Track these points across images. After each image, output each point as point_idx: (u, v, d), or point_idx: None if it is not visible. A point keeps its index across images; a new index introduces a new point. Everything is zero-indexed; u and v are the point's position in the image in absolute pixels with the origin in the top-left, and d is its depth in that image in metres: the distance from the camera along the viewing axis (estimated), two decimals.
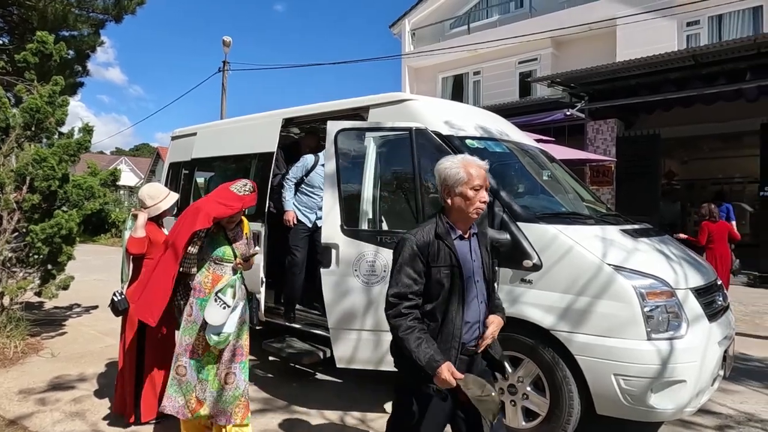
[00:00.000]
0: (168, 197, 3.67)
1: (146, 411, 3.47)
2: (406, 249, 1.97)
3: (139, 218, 3.51)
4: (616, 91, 10.09)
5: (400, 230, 3.49)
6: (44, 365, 4.73)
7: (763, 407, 3.96)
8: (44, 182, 5.01)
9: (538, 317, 3.02)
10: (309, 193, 4.73)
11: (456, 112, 4.06)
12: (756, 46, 8.26)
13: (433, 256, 1.96)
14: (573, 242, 3.04)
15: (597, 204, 4.19)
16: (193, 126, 6.01)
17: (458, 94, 15.96)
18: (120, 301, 3.52)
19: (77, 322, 6.44)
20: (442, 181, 2.03)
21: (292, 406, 3.85)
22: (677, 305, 2.88)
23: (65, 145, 5.28)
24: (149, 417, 3.47)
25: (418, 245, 1.97)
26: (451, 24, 16.52)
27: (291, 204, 4.68)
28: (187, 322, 3.02)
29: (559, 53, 13.98)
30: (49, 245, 5.12)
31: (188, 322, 3.02)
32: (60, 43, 5.60)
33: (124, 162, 40.51)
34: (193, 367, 2.98)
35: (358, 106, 4.10)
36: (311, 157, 4.69)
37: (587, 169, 10.79)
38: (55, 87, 5.28)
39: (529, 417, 3.15)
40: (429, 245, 1.97)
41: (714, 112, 10.00)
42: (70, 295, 6.87)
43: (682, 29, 11.94)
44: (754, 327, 6.41)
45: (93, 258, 13.66)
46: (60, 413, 3.68)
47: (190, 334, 3.00)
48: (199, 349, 2.99)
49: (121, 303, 3.51)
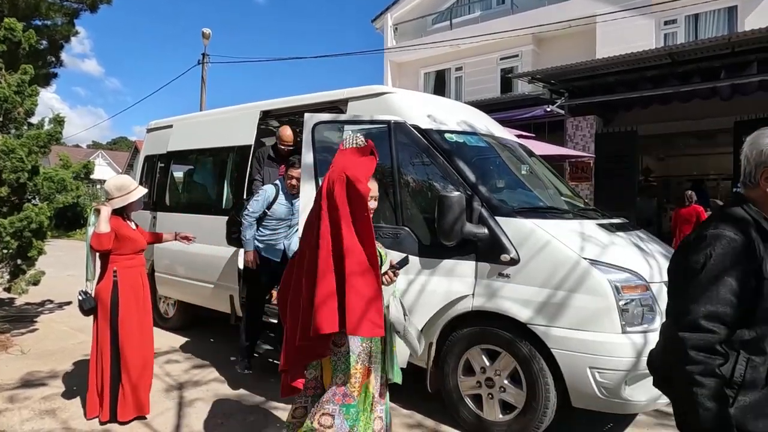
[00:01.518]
0: (137, 190, 3.56)
1: (123, 410, 3.38)
2: (724, 248, 1.36)
3: (102, 212, 3.37)
4: (595, 88, 10.19)
5: (379, 225, 3.47)
6: (13, 363, 4.60)
7: None
8: (12, 174, 4.86)
9: (515, 311, 3.03)
10: (273, 228, 4.25)
11: (436, 106, 4.04)
12: (730, 45, 8.41)
13: (761, 262, 1.36)
14: (550, 237, 3.05)
15: (575, 199, 4.23)
16: (170, 118, 5.89)
17: (440, 90, 15.96)
18: (85, 299, 3.44)
19: (49, 319, 6.28)
20: (764, 160, 1.44)
21: (270, 402, 3.81)
22: (652, 298, 2.91)
23: (35, 136, 5.12)
24: (126, 417, 3.39)
25: (742, 245, 1.37)
26: (434, 19, 16.50)
27: (252, 243, 4.18)
28: (335, 353, 2.26)
29: (540, 50, 14.08)
30: (18, 239, 4.98)
31: (337, 354, 2.27)
32: (29, 31, 5.42)
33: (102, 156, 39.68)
34: (345, 415, 2.19)
35: (337, 98, 4.06)
36: (271, 188, 4.20)
37: (567, 165, 10.90)
38: (24, 76, 5.11)
39: (506, 410, 3.17)
40: (751, 245, 1.37)
41: (690, 109, 10.18)
42: (42, 291, 6.70)
43: (660, 28, 12.11)
44: None
45: (67, 254, 13.34)
46: (29, 411, 3.58)
47: (344, 370, 2.24)
48: (356, 386, 2.26)
49: (87, 302, 3.43)
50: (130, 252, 3.53)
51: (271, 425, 3.46)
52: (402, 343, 2.45)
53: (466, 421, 3.30)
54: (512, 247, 3.09)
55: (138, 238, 3.60)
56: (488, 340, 3.19)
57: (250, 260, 4.18)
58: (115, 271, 3.45)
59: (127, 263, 3.51)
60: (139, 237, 3.62)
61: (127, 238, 3.50)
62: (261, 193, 4.21)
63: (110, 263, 3.46)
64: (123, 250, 3.49)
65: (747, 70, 8.71)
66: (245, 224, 4.16)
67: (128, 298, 3.47)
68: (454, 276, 3.25)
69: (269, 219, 4.22)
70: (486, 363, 3.20)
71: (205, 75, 16.08)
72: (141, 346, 3.49)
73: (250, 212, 4.15)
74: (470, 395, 3.29)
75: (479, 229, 3.16)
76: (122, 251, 3.48)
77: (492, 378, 3.18)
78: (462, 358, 3.28)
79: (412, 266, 3.29)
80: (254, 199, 4.21)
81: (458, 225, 3.06)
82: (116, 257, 3.47)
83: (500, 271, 3.13)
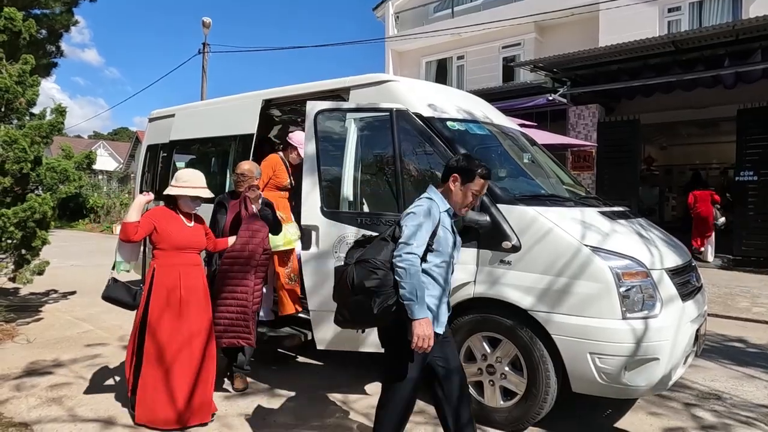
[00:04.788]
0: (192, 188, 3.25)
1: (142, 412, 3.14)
2: None
3: (135, 200, 3.15)
4: (598, 76, 10.15)
5: (381, 212, 3.48)
6: (19, 351, 4.64)
7: (731, 384, 4.08)
8: (16, 165, 4.87)
9: (516, 298, 3.04)
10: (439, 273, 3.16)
11: (438, 94, 4.03)
12: (734, 32, 8.35)
13: None
14: (552, 224, 3.06)
15: (577, 187, 4.23)
16: (171, 107, 5.88)
17: (442, 79, 15.88)
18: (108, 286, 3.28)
19: (54, 308, 6.33)
20: None
21: (274, 389, 3.85)
22: (652, 285, 2.93)
23: (37, 126, 5.12)
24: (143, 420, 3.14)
25: None
26: (435, 7, 16.37)
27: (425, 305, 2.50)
28: None
29: (542, 38, 13.98)
30: (22, 229, 5.00)
31: None
32: (29, 20, 5.40)
33: (103, 146, 39.61)
34: None
35: (339, 87, 4.05)
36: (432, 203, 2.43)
37: (569, 153, 10.89)
38: (24, 66, 5.11)
39: (507, 396, 3.20)
40: None
41: (693, 98, 10.14)
42: (46, 281, 6.75)
43: (663, 15, 12.00)
44: (726, 308, 6.59)
45: (71, 244, 13.43)
46: (36, 399, 3.62)
47: None
48: None
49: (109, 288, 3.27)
50: (170, 248, 3.20)
51: (277, 411, 3.49)
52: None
53: None
54: (514, 234, 3.10)
55: (181, 235, 3.23)
56: (489, 327, 3.21)
57: (427, 336, 2.27)
58: (154, 269, 3.21)
59: (165, 261, 3.20)
60: (184, 234, 3.24)
61: (166, 233, 3.19)
62: (422, 208, 2.41)
63: (153, 258, 3.23)
64: (162, 245, 3.20)
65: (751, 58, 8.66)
66: (409, 270, 2.26)
67: (160, 301, 3.14)
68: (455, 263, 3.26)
69: (435, 255, 2.45)
70: (487, 350, 3.23)
71: (206, 65, 16.01)
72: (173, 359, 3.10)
73: (414, 246, 2.31)
74: (471, 382, 3.32)
75: (481, 217, 3.17)
76: (161, 246, 3.21)
77: (493, 365, 3.21)
78: (463, 345, 3.30)
79: None
80: (412, 218, 2.38)
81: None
82: (157, 252, 3.22)
83: (502, 258, 3.14)
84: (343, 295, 2.40)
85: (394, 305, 2.28)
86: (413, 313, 2.25)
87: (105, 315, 5.95)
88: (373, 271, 2.29)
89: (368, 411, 3.47)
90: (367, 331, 3.39)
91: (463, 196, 2.49)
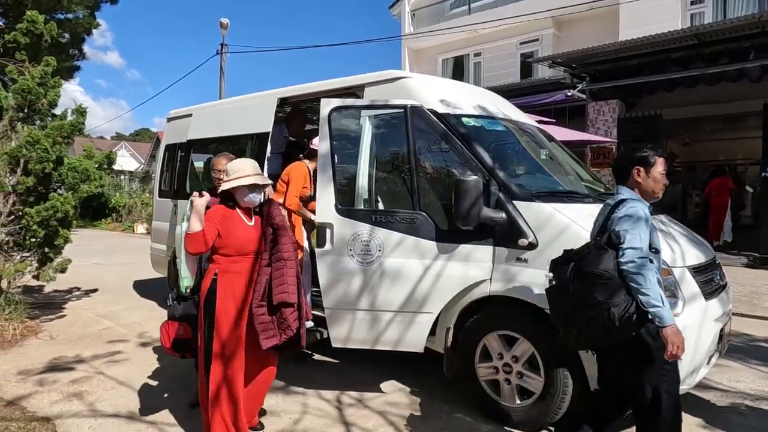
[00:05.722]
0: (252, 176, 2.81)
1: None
2: None
3: (194, 204, 2.68)
4: (618, 71, 9.94)
5: (395, 210, 3.46)
6: (43, 347, 4.75)
7: (758, 385, 3.96)
8: (38, 164, 4.98)
9: (533, 296, 3.00)
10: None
11: (453, 90, 3.99)
12: (761, 24, 8.10)
13: None
14: (569, 221, 3.00)
15: (596, 183, 4.15)
16: (189, 107, 5.95)
17: (459, 76, 15.77)
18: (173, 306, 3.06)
19: (76, 305, 6.46)
20: None
21: (290, 387, 3.86)
22: (674, 283, 2.86)
23: (58, 126, 5.23)
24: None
25: None
26: (452, 4, 16.27)
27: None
28: None
29: (560, 33, 13.78)
30: (44, 228, 5.11)
31: None
32: (51, 23, 5.51)
33: (125, 147, 40.35)
34: None
35: (354, 84, 4.04)
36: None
37: (588, 150, 10.70)
38: (46, 68, 5.22)
39: (524, 395, 3.15)
40: None
41: (717, 92, 9.87)
42: (69, 279, 6.89)
43: (686, 8, 11.72)
44: (752, 307, 6.40)
45: (93, 242, 13.70)
46: (58, 394, 3.70)
47: None
48: None
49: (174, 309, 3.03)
50: (235, 253, 2.78)
51: (293, 408, 3.50)
52: None
53: (484, 406, 3.30)
54: (530, 231, 3.05)
55: (247, 237, 2.81)
56: (506, 325, 3.17)
57: (681, 342, 2.15)
58: (216, 275, 2.77)
59: (228, 266, 2.78)
60: (249, 236, 2.83)
61: (231, 235, 2.77)
62: (635, 209, 2.30)
63: (213, 263, 2.82)
64: (226, 250, 2.78)
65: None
66: (647, 275, 2.18)
67: (227, 311, 2.74)
68: (471, 261, 3.23)
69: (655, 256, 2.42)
70: (503, 349, 3.19)
71: (224, 65, 16.19)
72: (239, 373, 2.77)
73: (643, 250, 2.23)
74: (488, 381, 3.28)
75: (497, 214, 3.12)
76: (225, 251, 2.78)
77: (510, 364, 3.16)
78: (479, 343, 3.27)
79: (428, 251, 3.29)
80: (629, 222, 2.28)
81: (475, 209, 3.03)
82: (219, 257, 2.79)
83: (518, 256, 3.09)
84: (567, 315, 2.30)
85: (635, 314, 2.16)
86: (663, 319, 2.13)
87: (125, 312, 6.05)
88: (604, 283, 2.17)
89: (384, 408, 3.46)
90: (383, 328, 3.39)
91: (654, 182, 2.45)
